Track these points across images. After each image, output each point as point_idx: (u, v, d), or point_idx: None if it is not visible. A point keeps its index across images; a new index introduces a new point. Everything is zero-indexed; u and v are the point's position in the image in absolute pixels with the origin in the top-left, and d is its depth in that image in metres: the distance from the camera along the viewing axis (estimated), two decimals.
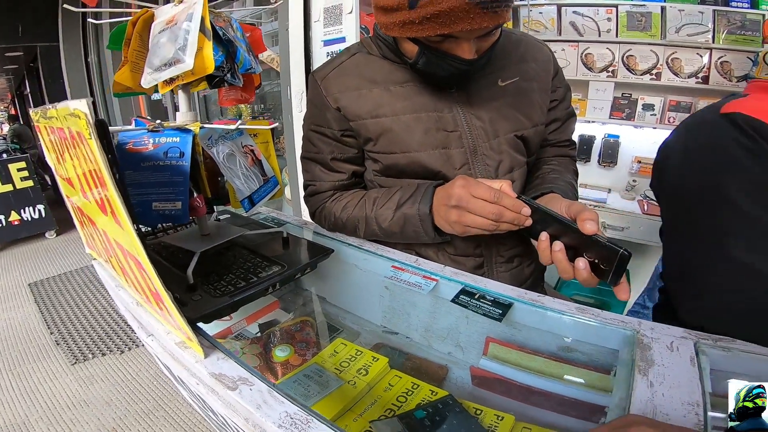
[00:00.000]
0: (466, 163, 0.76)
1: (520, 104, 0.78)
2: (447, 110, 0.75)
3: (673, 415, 0.44)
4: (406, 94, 0.76)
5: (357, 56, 0.81)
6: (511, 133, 0.78)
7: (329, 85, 0.79)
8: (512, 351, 0.69)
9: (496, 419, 0.57)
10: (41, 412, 1.82)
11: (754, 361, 0.53)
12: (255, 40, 0.82)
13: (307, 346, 0.78)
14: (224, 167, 0.62)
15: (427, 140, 0.75)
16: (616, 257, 0.53)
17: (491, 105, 0.76)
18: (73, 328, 2.44)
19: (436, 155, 0.76)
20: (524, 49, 0.82)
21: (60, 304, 2.73)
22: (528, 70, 0.80)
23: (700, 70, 1.95)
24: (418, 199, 0.73)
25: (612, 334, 0.60)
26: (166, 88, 0.58)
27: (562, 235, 0.60)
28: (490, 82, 0.77)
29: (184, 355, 0.55)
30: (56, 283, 3.05)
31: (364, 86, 0.77)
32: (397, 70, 0.77)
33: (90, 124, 0.33)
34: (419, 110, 0.75)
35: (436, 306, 0.77)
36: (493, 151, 0.77)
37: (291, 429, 0.43)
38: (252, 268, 0.68)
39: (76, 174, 0.50)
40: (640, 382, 0.49)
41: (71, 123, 0.38)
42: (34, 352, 2.25)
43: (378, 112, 0.76)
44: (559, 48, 2.23)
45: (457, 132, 0.75)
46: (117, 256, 0.55)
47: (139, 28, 0.61)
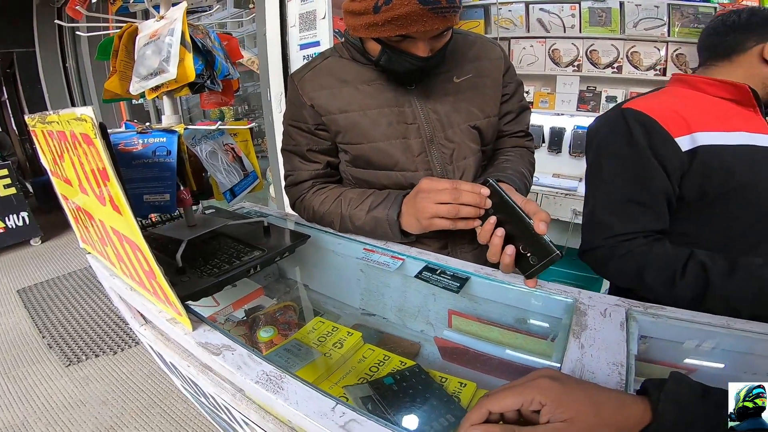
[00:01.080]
0: (424, 151, 0.86)
1: (473, 98, 0.88)
2: (407, 105, 0.85)
3: (598, 374, 0.48)
4: (373, 92, 0.86)
5: (330, 59, 0.91)
6: (465, 124, 0.87)
7: (304, 85, 0.89)
8: (473, 323, 0.77)
9: (460, 386, 0.62)
10: (39, 413, 1.85)
11: (682, 328, 0.58)
12: (232, 49, 0.90)
13: (290, 327, 0.85)
14: (207, 163, 0.70)
15: (390, 132, 0.85)
16: (549, 257, 0.60)
17: (447, 99, 0.86)
18: (64, 331, 2.46)
19: (397, 144, 0.86)
20: (478, 48, 0.91)
21: (50, 308, 2.74)
22: (481, 67, 0.89)
23: (657, 63, 2.06)
24: (388, 205, 0.83)
25: (556, 303, 0.67)
26: (152, 94, 0.65)
27: (509, 223, 0.66)
28: (446, 79, 0.87)
29: (175, 329, 0.62)
30: (44, 288, 3.05)
31: (335, 85, 0.87)
32: (365, 71, 0.87)
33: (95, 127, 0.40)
34: (383, 105, 0.85)
35: (406, 285, 0.85)
36: (448, 140, 0.87)
37: (267, 384, 0.50)
38: (235, 253, 0.75)
39: (76, 172, 0.58)
40: (572, 344, 0.54)
41: (75, 126, 0.45)
42: (27, 356, 2.26)
43: (347, 108, 0.86)
44: (528, 44, 2.32)
45: (416, 124, 0.85)
46: (113, 243, 0.62)
47: (125, 41, 0.69)
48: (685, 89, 0.87)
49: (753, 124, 0.80)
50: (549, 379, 0.39)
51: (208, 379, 0.61)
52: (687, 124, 0.77)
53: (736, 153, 0.76)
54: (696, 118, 0.78)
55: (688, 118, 0.78)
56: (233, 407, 0.59)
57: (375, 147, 0.86)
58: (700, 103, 0.83)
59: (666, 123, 0.77)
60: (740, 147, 0.76)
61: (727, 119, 0.79)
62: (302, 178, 0.97)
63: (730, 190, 0.76)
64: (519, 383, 0.40)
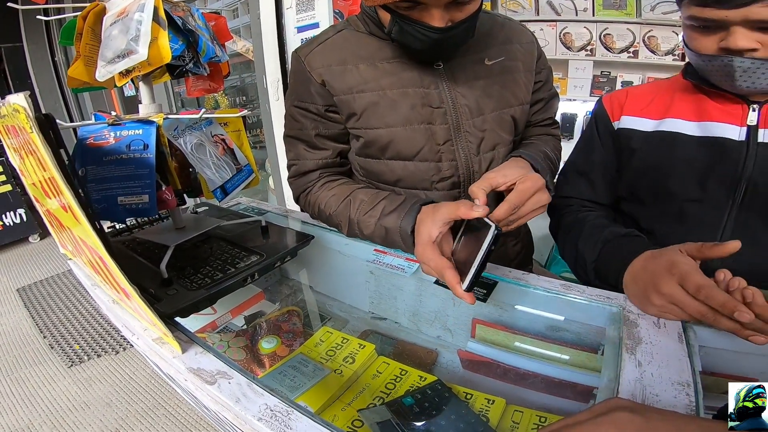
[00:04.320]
0: (450, 139, 0.77)
1: (505, 83, 0.79)
2: (434, 87, 0.76)
3: (663, 397, 0.42)
4: (393, 70, 0.76)
5: (344, 32, 0.81)
6: (495, 112, 0.79)
7: (313, 60, 0.78)
8: (500, 332, 0.69)
9: (487, 403, 0.56)
10: (44, 416, 1.82)
11: None
12: (220, 29, 0.79)
13: (294, 336, 0.78)
14: (193, 158, 0.61)
15: (413, 115, 0.75)
16: None
17: (477, 83, 0.77)
18: (66, 331, 2.43)
19: (421, 130, 0.76)
20: (508, 30, 0.83)
21: (50, 307, 2.71)
22: (513, 50, 0.81)
23: (676, 48, 1.96)
24: (402, 215, 0.70)
25: (598, 311, 0.60)
26: (122, 80, 0.56)
27: None
28: (476, 61, 0.78)
29: (163, 351, 0.54)
30: (44, 287, 3.01)
31: (350, 61, 0.77)
32: (385, 47, 0.77)
33: (30, 118, 0.31)
34: (406, 86, 0.76)
35: (422, 288, 0.77)
36: (476, 129, 0.78)
37: (271, 422, 0.43)
38: (229, 259, 0.67)
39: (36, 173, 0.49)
40: (628, 362, 0.47)
41: (16, 120, 0.37)
42: (29, 357, 2.23)
43: (364, 87, 0.76)
44: (537, 28, 2.21)
45: (442, 108, 0.76)
46: (86, 253, 0.54)
47: (90, 22, 0.59)
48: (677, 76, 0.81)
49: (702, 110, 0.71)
50: (628, 413, 0.33)
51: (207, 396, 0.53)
52: (621, 109, 0.80)
53: (646, 138, 0.76)
54: (635, 103, 0.79)
55: (628, 104, 0.80)
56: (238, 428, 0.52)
57: (394, 132, 0.76)
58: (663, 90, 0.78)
59: (609, 106, 0.82)
60: (654, 133, 0.75)
61: (669, 107, 0.74)
62: (308, 168, 0.85)
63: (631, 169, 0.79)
64: (589, 417, 0.34)
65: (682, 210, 0.71)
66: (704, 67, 0.64)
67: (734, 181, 0.66)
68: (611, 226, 0.74)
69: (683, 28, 0.66)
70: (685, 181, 0.70)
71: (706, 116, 0.69)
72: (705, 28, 0.60)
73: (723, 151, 0.66)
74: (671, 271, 0.53)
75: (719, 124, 0.67)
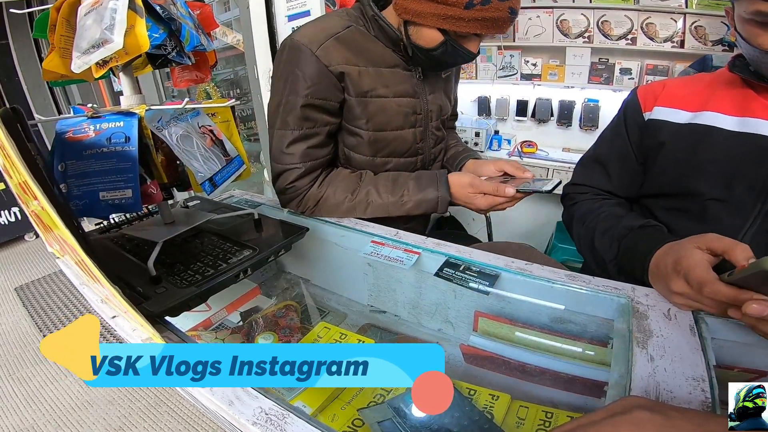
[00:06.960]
0: (424, 138, 0.91)
1: (448, 91, 0.96)
2: (417, 96, 0.87)
3: (677, 392, 0.41)
4: (393, 79, 0.83)
5: (354, 30, 0.80)
6: (444, 116, 0.94)
7: (329, 54, 0.76)
8: (503, 325, 0.67)
9: (491, 399, 0.55)
10: (48, 415, 1.82)
11: None
12: (205, 17, 0.76)
13: (291, 332, 0.76)
14: (179, 150, 0.58)
15: (406, 121, 0.87)
16: None
17: (438, 92, 0.91)
18: None
19: (410, 133, 0.88)
20: None
21: (49, 306, 2.69)
22: None
23: (675, 35, 1.93)
24: (435, 185, 0.84)
25: (605, 302, 0.58)
26: (99, 71, 0.53)
27: None
28: (438, 73, 0.90)
29: None
30: (42, 285, 2.99)
31: (362, 63, 0.79)
32: (387, 54, 0.82)
33: None
34: (404, 94, 0.85)
35: (421, 280, 0.75)
36: (434, 130, 0.93)
37: (266, 426, 0.41)
38: (221, 254, 0.65)
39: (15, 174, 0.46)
40: (639, 356, 0.46)
41: None
42: (30, 357, 2.22)
43: (374, 93, 0.81)
44: (534, 15, 2.18)
45: (421, 115, 0.88)
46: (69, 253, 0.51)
47: (64, 13, 0.56)
48: None
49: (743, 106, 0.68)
50: (647, 412, 0.31)
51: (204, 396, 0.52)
52: (655, 99, 0.78)
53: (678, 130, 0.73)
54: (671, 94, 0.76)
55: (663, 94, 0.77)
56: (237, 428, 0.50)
57: (394, 135, 0.86)
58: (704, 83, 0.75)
59: (643, 96, 0.80)
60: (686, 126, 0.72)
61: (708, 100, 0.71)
62: (314, 168, 0.83)
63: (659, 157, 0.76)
64: (605, 416, 0.32)
65: (705, 208, 0.69)
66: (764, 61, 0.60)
67: (766, 186, 0.63)
68: (626, 218, 0.72)
69: (739, 21, 0.62)
70: (712, 179, 0.68)
71: (749, 112, 0.66)
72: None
73: (759, 150, 0.63)
74: (676, 269, 0.52)
75: (762, 122, 0.64)
